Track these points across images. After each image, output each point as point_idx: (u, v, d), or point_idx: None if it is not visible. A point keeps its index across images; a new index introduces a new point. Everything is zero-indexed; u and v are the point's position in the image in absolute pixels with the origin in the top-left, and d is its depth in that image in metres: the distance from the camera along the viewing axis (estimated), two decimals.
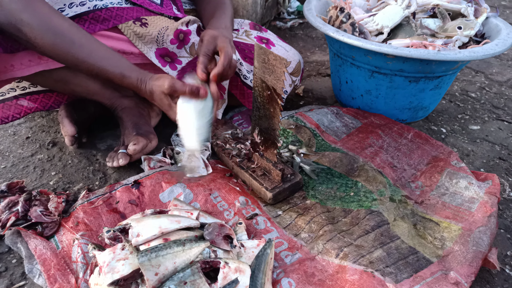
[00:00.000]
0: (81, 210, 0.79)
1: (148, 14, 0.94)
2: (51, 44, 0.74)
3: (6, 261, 0.74)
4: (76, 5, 0.86)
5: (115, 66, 0.79)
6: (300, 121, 1.12)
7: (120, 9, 0.90)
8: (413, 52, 0.94)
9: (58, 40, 0.74)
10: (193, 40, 0.98)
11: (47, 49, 0.74)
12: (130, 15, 0.91)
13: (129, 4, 0.92)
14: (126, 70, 0.79)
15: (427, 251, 0.73)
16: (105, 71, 0.78)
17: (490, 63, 1.70)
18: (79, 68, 0.78)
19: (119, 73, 0.79)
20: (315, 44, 1.87)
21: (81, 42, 0.77)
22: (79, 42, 0.76)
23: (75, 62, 0.77)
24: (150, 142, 0.97)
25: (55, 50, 0.75)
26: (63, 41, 0.75)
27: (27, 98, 0.99)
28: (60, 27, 0.75)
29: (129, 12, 0.91)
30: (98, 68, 0.78)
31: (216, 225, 0.71)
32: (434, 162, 0.97)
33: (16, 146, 1.05)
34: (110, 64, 0.79)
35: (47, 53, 0.76)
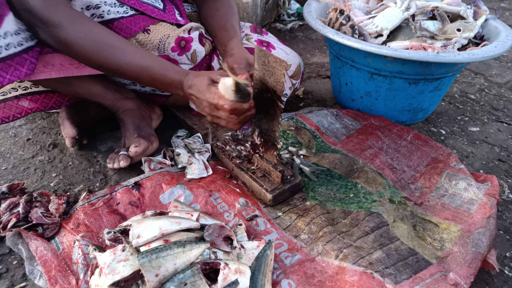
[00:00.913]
0: (82, 211, 0.79)
1: (152, 22, 0.94)
2: (95, 54, 0.78)
3: (7, 262, 0.74)
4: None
5: (157, 65, 0.81)
6: (300, 122, 1.12)
7: (128, 20, 0.91)
8: (412, 54, 0.95)
9: (101, 48, 0.78)
10: (195, 48, 0.98)
11: (92, 59, 0.79)
12: (138, 26, 0.92)
13: (134, 11, 0.92)
14: (167, 67, 0.82)
15: (427, 252, 0.73)
16: (148, 70, 0.80)
17: (489, 65, 1.71)
18: (122, 71, 0.81)
19: (163, 71, 0.81)
20: (315, 46, 1.87)
21: (122, 47, 0.80)
22: (120, 46, 0.80)
23: (117, 66, 0.80)
24: (151, 144, 0.98)
25: (98, 59, 0.79)
26: (106, 49, 0.78)
27: (28, 98, 0.99)
28: (101, 36, 0.78)
29: (136, 23, 0.92)
30: (141, 68, 0.80)
31: (216, 226, 0.72)
32: (433, 164, 0.97)
33: (17, 148, 1.06)
34: (152, 63, 0.81)
35: (92, 63, 0.80)
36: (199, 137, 1.05)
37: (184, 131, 1.10)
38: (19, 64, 0.78)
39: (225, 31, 1.00)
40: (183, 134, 1.09)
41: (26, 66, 0.79)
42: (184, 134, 1.09)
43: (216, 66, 1.05)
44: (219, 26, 1.02)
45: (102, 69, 0.82)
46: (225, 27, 1.01)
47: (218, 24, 1.03)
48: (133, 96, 1.07)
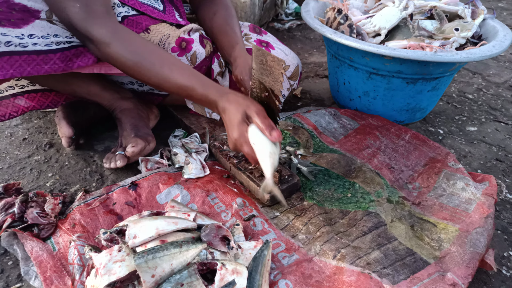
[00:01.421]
0: (78, 211, 0.79)
1: (153, 22, 0.94)
2: (136, 69, 0.79)
3: (2, 263, 0.73)
4: None
5: (198, 85, 0.80)
6: (297, 122, 1.12)
7: (130, 21, 0.91)
8: (410, 53, 0.95)
9: (142, 64, 0.79)
10: (195, 49, 0.97)
11: (134, 74, 0.81)
12: (139, 27, 0.92)
13: (135, 12, 0.92)
14: (207, 87, 0.81)
15: (424, 252, 0.73)
16: (187, 89, 0.80)
17: (487, 65, 1.71)
18: (161, 87, 0.82)
19: (202, 90, 0.80)
20: (313, 46, 1.87)
21: (162, 63, 0.80)
22: (160, 63, 0.80)
23: (157, 82, 0.81)
24: (148, 144, 0.97)
25: (139, 74, 0.80)
26: (147, 65, 0.79)
27: (25, 97, 0.99)
28: (142, 52, 0.79)
29: (138, 24, 0.92)
30: (180, 86, 0.80)
31: (213, 226, 0.71)
32: (431, 163, 0.97)
33: (13, 148, 1.05)
34: (193, 83, 0.80)
35: (135, 77, 0.82)
36: (196, 136, 1.04)
37: (181, 130, 1.10)
38: (43, 61, 0.80)
39: (226, 36, 1.00)
40: (180, 133, 1.08)
41: (49, 65, 0.81)
42: (181, 133, 1.08)
43: (216, 69, 1.04)
44: (220, 30, 1.02)
45: (145, 82, 0.83)
46: (226, 31, 1.01)
47: (219, 28, 1.02)
48: (131, 96, 1.06)
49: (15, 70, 0.77)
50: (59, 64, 0.82)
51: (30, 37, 0.76)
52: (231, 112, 0.78)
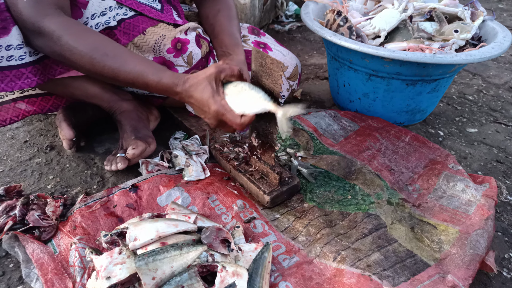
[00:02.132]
0: (79, 214, 0.79)
1: (151, 24, 0.94)
2: (89, 61, 0.76)
3: (3, 265, 0.74)
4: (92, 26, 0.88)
5: (151, 71, 0.79)
6: (298, 124, 1.12)
7: (127, 24, 0.91)
8: (410, 55, 0.95)
9: (95, 55, 0.76)
10: (191, 50, 0.98)
11: (86, 67, 0.77)
12: (136, 30, 0.92)
13: (133, 12, 0.92)
14: (161, 72, 0.79)
15: (425, 254, 0.73)
16: (141, 76, 0.78)
17: (487, 66, 1.71)
18: (116, 78, 0.79)
19: (156, 76, 0.78)
20: (313, 47, 1.87)
21: (114, 53, 0.78)
22: (112, 53, 0.78)
23: (111, 74, 0.78)
24: (148, 146, 0.97)
25: (93, 66, 0.77)
26: (99, 56, 0.76)
27: (25, 101, 0.99)
28: (95, 43, 0.77)
29: (135, 27, 0.92)
30: (134, 74, 0.78)
31: (213, 228, 0.71)
32: (431, 165, 0.97)
33: (14, 150, 1.05)
34: (145, 69, 0.78)
35: (86, 71, 0.79)
36: (196, 139, 1.04)
37: (181, 133, 1.10)
38: (15, 77, 0.79)
39: (228, 35, 1.00)
40: (180, 136, 1.08)
41: (22, 80, 0.81)
42: (181, 136, 1.08)
43: None
44: (223, 30, 1.02)
45: (97, 76, 0.81)
46: (228, 31, 1.01)
47: (222, 27, 1.03)
48: (131, 98, 1.06)
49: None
50: (32, 78, 0.82)
51: (7, 49, 0.76)
52: (198, 87, 0.76)
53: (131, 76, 0.78)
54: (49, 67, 0.86)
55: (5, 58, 0.76)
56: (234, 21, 1.04)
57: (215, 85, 0.77)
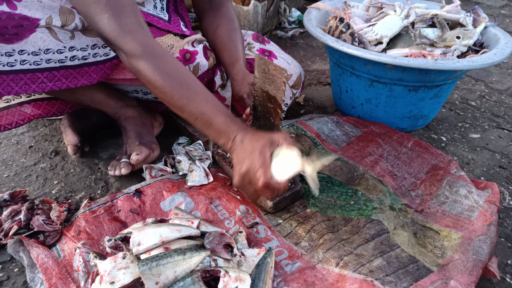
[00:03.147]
0: (83, 219, 0.80)
1: (159, 34, 0.95)
2: (161, 84, 0.74)
3: (8, 270, 0.74)
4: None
5: (221, 115, 0.76)
6: (300, 129, 1.13)
7: None
8: (412, 61, 0.95)
9: (169, 81, 0.75)
10: (198, 60, 0.99)
11: (158, 93, 0.76)
12: None
13: None
14: (230, 117, 0.76)
15: (427, 260, 0.73)
16: (211, 120, 0.76)
17: (489, 72, 1.71)
18: (182, 114, 0.78)
19: (224, 125, 0.76)
20: (316, 53, 1.88)
21: (188, 85, 0.76)
22: (186, 85, 0.76)
23: (180, 104, 0.76)
24: (152, 152, 0.98)
25: (165, 97, 0.76)
26: (172, 83, 0.75)
27: (31, 105, 1.00)
28: (172, 74, 0.76)
29: None
30: (203, 117, 0.76)
31: (216, 233, 0.72)
32: (434, 171, 0.97)
33: (19, 155, 1.06)
34: (217, 114, 0.76)
35: (158, 96, 0.77)
36: (200, 144, 1.05)
37: (185, 138, 1.11)
38: (30, 80, 0.82)
39: (228, 52, 1.01)
40: (184, 141, 1.09)
41: (36, 84, 0.83)
42: (185, 141, 1.09)
43: (218, 81, 1.06)
44: (223, 45, 1.03)
45: (167, 102, 0.78)
46: (228, 47, 1.01)
47: (221, 43, 1.03)
48: (135, 104, 1.07)
49: (3, 89, 0.79)
50: (47, 84, 0.83)
51: (20, 53, 0.77)
52: (254, 139, 0.73)
53: (198, 113, 0.76)
54: (71, 76, 0.87)
55: (19, 61, 0.77)
56: (234, 35, 1.03)
57: (269, 156, 0.72)
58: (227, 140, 0.76)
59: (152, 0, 0.98)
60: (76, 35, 0.82)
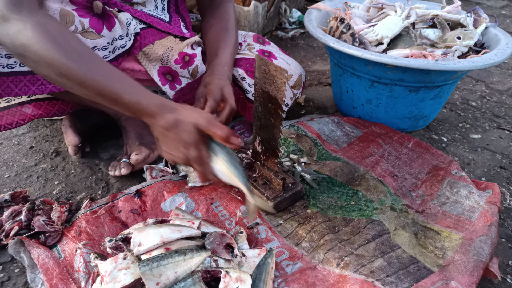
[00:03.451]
0: (84, 219, 0.80)
1: (159, 37, 0.95)
2: (57, 58, 0.65)
3: (9, 270, 0.74)
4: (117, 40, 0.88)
5: (129, 88, 0.69)
6: (301, 130, 1.13)
7: (141, 34, 0.92)
8: (412, 62, 0.95)
9: (67, 54, 0.66)
10: (197, 63, 0.98)
11: (51, 65, 0.66)
12: (148, 40, 0.93)
13: (143, 25, 0.94)
14: (142, 90, 0.70)
15: (428, 261, 0.73)
16: (118, 96, 0.68)
17: (490, 72, 1.71)
18: (83, 84, 0.67)
19: (135, 94, 0.69)
20: (316, 54, 1.88)
21: (89, 57, 0.69)
22: (87, 56, 0.69)
23: (80, 78, 0.66)
24: (152, 152, 0.98)
25: (52, 60, 0.65)
26: (72, 56, 0.66)
27: (32, 105, 1.00)
28: (69, 41, 0.68)
29: (145, 38, 0.93)
30: (111, 91, 0.68)
31: (217, 234, 0.72)
32: (434, 171, 0.97)
33: (20, 156, 1.07)
34: (124, 88, 0.69)
35: (50, 70, 0.67)
36: None
37: None
38: (30, 82, 0.81)
39: (209, 53, 0.99)
40: None
41: (36, 86, 0.81)
42: None
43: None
44: (209, 47, 1.01)
45: (52, 79, 0.68)
46: (210, 48, 0.99)
47: (208, 44, 1.01)
48: None
49: (3, 91, 0.78)
50: (47, 85, 0.82)
51: None
52: (184, 127, 0.69)
53: (100, 89, 0.67)
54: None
55: (19, 63, 0.77)
56: (220, 35, 1.00)
57: (201, 135, 0.71)
58: (144, 117, 0.70)
59: (153, 0, 0.98)
60: None
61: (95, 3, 0.83)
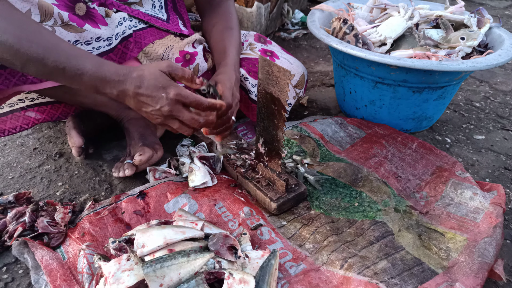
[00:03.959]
0: (87, 220, 0.80)
1: (159, 36, 0.95)
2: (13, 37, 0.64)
3: (13, 271, 0.75)
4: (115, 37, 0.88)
5: (88, 57, 0.69)
6: (304, 131, 1.12)
7: (137, 35, 0.92)
8: (416, 62, 0.95)
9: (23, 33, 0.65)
10: (198, 61, 0.99)
11: (26, 54, 0.65)
12: (148, 39, 0.93)
13: (142, 24, 0.94)
14: (100, 60, 0.70)
15: (432, 262, 0.73)
16: (75, 61, 0.67)
17: (494, 73, 1.70)
18: (43, 61, 0.66)
19: (95, 63, 0.68)
20: (319, 55, 1.88)
21: (46, 34, 0.68)
22: (44, 33, 0.68)
23: (40, 55, 0.65)
24: (155, 153, 0.98)
25: (38, 54, 0.65)
26: (28, 34, 0.65)
27: (35, 109, 1.00)
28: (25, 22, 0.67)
29: (145, 37, 0.93)
30: (67, 57, 0.67)
31: (220, 235, 0.72)
32: (438, 172, 0.97)
33: (24, 157, 1.07)
34: (82, 54, 0.69)
35: (23, 57, 0.65)
36: (204, 146, 1.05)
37: (189, 140, 1.11)
38: (10, 75, 0.79)
39: (217, 52, 0.99)
40: (188, 143, 1.09)
41: (17, 78, 0.79)
42: (188, 143, 1.09)
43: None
44: (214, 46, 1.01)
45: (17, 58, 0.65)
46: (217, 47, 1.00)
47: (214, 43, 1.01)
48: None
49: None
50: (28, 77, 0.79)
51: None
52: (151, 76, 0.69)
53: (63, 60, 0.66)
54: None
55: None
56: (225, 34, 1.01)
57: (170, 79, 0.71)
58: (113, 87, 0.69)
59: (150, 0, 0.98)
60: (56, 30, 0.78)
61: (79, 5, 0.82)
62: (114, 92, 0.70)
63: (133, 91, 0.70)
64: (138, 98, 0.71)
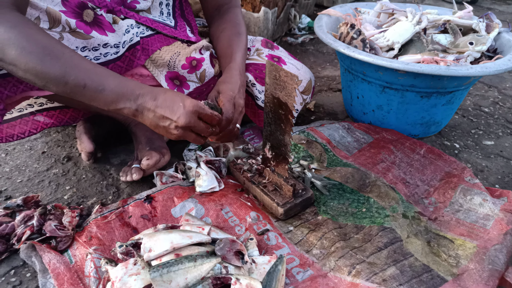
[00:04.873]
0: (95, 224, 0.80)
1: (166, 43, 0.95)
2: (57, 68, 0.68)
3: (20, 274, 0.75)
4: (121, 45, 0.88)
5: (113, 77, 0.73)
6: (311, 136, 1.12)
7: (145, 41, 0.92)
8: (424, 67, 0.94)
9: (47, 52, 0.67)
10: (205, 67, 0.99)
11: (49, 74, 0.68)
12: (155, 46, 0.93)
13: (150, 31, 0.94)
14: (119, 76, 0.73)
15: (442, 269, 0.72)
16: (103, 83, 0.71)
17: (503, 78, 1.69)
18: (64, 80, 0.69)
19: (117, 78, 0.73)
20: (326, 60, 1.88)
21: (68, 53, 0.70)
22: (66, 52, 0.70)
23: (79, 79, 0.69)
24: (163, 157, 0.98)
25: (61, 73, 0.68)
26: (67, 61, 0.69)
27: (44, 114, 1.01)
28: (45, 41, 0.69)
29: (153, 44, 0.93)
30: (98, 82, 0.70)
31: (227, 240, 0.71)
32: (447, 178, 0.96)
33: (32, 161, 1.08)
34: (108, 76, 0.72)
35: (44, 77, 0.68)
36: (210, 150, 1.05)
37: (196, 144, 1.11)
38: (18, 82, 0.80)
39: (224, 58, 1.00)
40: (195, 147, 1.09)
41: (25, 84, 0.80)
42: (196, 147, 1.09)
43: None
44: (222, 52, 1.02)
45: (32, 79, 0.68)
46: (225, 53, 1.00)
47: (221, 49, 1.02)
48: None
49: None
50: (18, 86, 0.80)
51: None
52: (167, 91, 0.75)
53: (84, 77, 0.70)
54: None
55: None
56: (233, 40, 1.01)
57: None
58: (129, 100, 0.72)
59: (158, 7, 0.99)
60: (65, 37, 0.80)
61: (86, 12, 0.83)
62: (133, 106, 0.73)
63: (152, 103, 0.73)
64: (156, 111, 0.73)
